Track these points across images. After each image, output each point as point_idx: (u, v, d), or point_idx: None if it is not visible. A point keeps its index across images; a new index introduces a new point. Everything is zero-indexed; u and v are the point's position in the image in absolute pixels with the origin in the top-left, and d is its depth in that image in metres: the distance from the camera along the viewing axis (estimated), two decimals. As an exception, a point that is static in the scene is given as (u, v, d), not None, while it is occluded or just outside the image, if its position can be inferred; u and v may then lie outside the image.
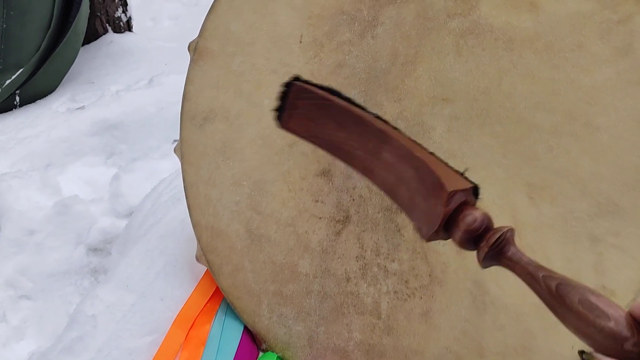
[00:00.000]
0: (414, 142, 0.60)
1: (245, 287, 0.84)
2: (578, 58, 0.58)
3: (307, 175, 0.77)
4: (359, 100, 0.72)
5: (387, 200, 0.72)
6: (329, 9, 0.73)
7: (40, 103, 1.86)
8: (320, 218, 0.77)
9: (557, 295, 0.44)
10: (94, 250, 1.23)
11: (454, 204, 0.52)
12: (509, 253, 0.50)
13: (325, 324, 0.79)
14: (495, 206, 0.64)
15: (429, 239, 0.55)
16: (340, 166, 0.75)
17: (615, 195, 0.58)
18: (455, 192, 0.52)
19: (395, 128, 0.61)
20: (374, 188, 0.72)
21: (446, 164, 0.58)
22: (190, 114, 0.85)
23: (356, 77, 0.72)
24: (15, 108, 1.85)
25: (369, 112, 0.62)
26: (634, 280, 0.59)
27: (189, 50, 0.84)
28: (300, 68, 0.75)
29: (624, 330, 0.41)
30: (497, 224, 0.64)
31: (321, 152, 0.76)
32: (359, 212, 0.74)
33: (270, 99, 0.79)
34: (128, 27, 2.28)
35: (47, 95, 1.92)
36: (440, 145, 0.66)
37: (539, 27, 0.60)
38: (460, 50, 0.64)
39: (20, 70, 1.80)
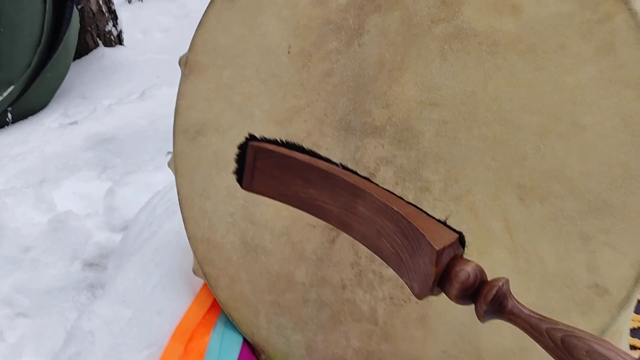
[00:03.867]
0: (390, 192, 0.58)
1: (242, 298, 0.84)
2: (561, 58, 0.59)
3: (299, 184, 0.77)
4: (347, 107, 0.73)
5: (380, 206, 0.72)
6: (316, 19, 0.73)
7: (33, 119, 1.86)
8: (314, 226, 0.77)
9: (563, 349, 0.45)
10: (90, 265, 1.23)
11: (444, 261, 0.51)
12: (509, 307, 0.49)
13: (323, 332, 0.79)
14: (486, 208, 0.64)
15: (422, 297, 0.53)
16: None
17: (604, 193, 0.58)
18: (443, 249, 0.51)
19: (366, 179, 0.59)
20: (367, 194, 0.72)
21: (426, 214, 0.56)
22: (183, 127, 0.85)
23: (344, 85, 0.72)
24: (7, 125, 1.85)
25: (334, 163, 0.60)
26: (626, 277, 0.59)
27: (179, 64, 0.85)
28: (290, 78, 0.76)
29: None
30: (489, 226, 0.65)
31: (313, 160, 0.76)
32: (352, 219, 0.74)
33: (260, 109, 0.79)
34: (119, 40, 2.28)
35: (39, 111, 1.93)
36: (430, 149, 0.67)
37: (522, 29, 0.61)
38: (445, 55, 0.65)
39: (12, 87, 1.80)
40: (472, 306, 0.67)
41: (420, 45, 0.67)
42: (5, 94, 1.79)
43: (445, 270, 0.51)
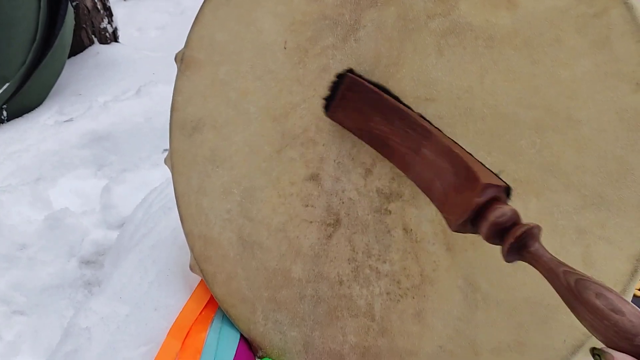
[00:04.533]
0: (454, 142, 0.63)
1: (239, 294, 0.84)
2: (557, 52, 0.59)
3: (296, 180, 0.77)
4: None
5: (377, 202, 0.72)
6: (311, 14, 0.73)
7: (28, 117, 1.85)
8: (311, 222, 0.77)
9: (575, 290, 0.46)
10: (86, 262, 1.23)
11: (486, 196, 0.54)
12: (532, 248, 0.51)
13: (320, 328, 0.79)
14: (483, 203, 0.64)
15: (457, 229, 0.57)
16: (328, 170, 0.75)
17: (600, 187, 0.59)
18: (488, 185, 0.55)
19: (436, 128, 0.64)
20: (363, 190, 0.72)
21: (482, 164, 0.61)
22: (179, 124, 0.85)
23: (340, 81, 0.72)
24: (2, 123, 1.84)
25: (413, 110, 0.65)
26: (622, 271, 0.59)
27: (175, 61, 0.85)
28: (286, 74, 0.76)
29: (638, 326, 0.42)
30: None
31: (309, 157, 0.76)
32: (349, 215, 0.74)
33: (256, 105, 0.79)
34: (114, 37, 2.28)
35: (34, 108, 1.92)
36: (426, 144, 0.67)
37: (518, 23, 0.61)
38: (441, 50, 0.65)
39: (7, 84, 1.79)
40: (466, 298, 0.67)
41: (417, 40, 0.67)
42: (0, 92, 1.79)
43: (484, 207, 0.54)
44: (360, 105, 0.67)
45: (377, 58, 0.69)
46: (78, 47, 2.16)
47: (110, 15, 2.25)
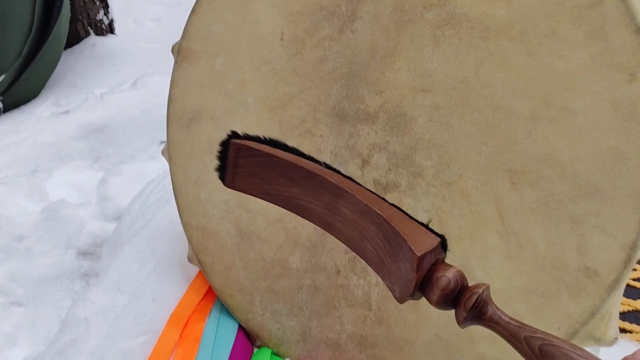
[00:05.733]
0: (373, 193, 0.58)
1: (237, 285, 0.85)
2: (552, 43, 0.59)
3: (293, 171, 0.77)
4: (341, 93, 0.73)
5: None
6: (308, 5, 0.73)
7: (24, 109, 1.85)
8: (308, 212, 0.78)
9: (540, 357, 0.45)
10: (84, 254, 1.23)
11: (425, 267, 0.51)
12: (488, 313, 0.50)
13: (318, 317, 0.79)
14: (478, 193, 0.65)
15: (402, 302, 0.54)
16: (326, 161, 0.75)
17: (594, 176, 0.59)
18: (424, 255, 0.51)
19: (350, 178, 0.59)
20: (360, 181, 0.73)
21: (409, 216, 0.56)
22: (177, 115, 0.85)
23: (337, 72, 0.72)
24: (-1, 115, 1.84)
25: (318, 162, 0.60)
26: (616, 259, 0.60)
27: (172, 52, 0.85)
28: (283, 65, 0.76)
29: None
30: (481, 211, 0.65)
31: (307, 148, 0.77)
32: (346, 205, 0.75)
33: (254, 97, 0.79)
34: (110, 29, 2.27)
35: (30, 100, 1.91)
36: (422, 135, 0.67)
37: (513, 14, 0.61)
38: (437, 41, 0.65)
39: (3, 76, 1.79)
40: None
41: (413, 32, 0.67)
42: (-5, 84, 1.78)
43: (426, 275, 0.51)
44: (258, 170, 0.61)
45: (374, 49, 0.70)
46: (74, 38, 2.16)
47: (106, 6, 2.24)
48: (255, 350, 0.86)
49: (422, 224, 0.55)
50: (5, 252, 1.20)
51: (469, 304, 0.49)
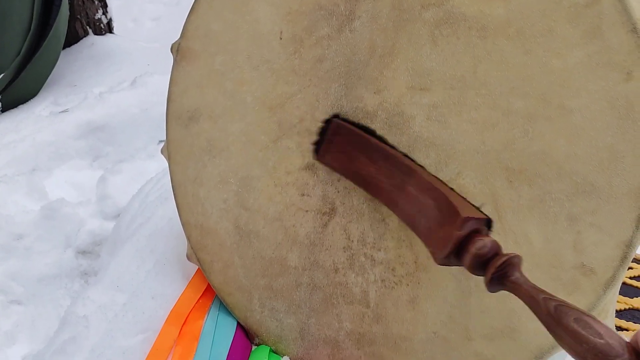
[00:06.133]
0: (437, 178, 0.66)
1: (236, 283, 0.85)
2: (549, 42, 0.60)
3: (292, 170, 0.78)
4: (339, 92, 0.73)
5: (372, 191, 0.73)
6: (307, 4, 0.73)
7: (23, 108, 1.85)
8: (306, 211, 0.78)
9: (555, 315, 0.48)
10: (83, 252, 1.24)
11: (466, 229, 0.57)
12: (513, 277, 0.53)
13: (316, 315, 0.80)
14: (476, 191, 0.65)
15: (442, 263, 0.59)
16: (324, 159, 0.76)
17: (591, 174, 0.60)
18: (468, 219, 0.58)
19: (421, 166, 0.67)
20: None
21: (464, 199, 0.64)
22: (176, 114, 0.85)
23: (336, 71, 0.73)
24: (-3, 113, 1.84)
25: (398, 150, 0.69)
26: (612, 257, 0.60)
27: (171, 51, 0.85)
28: (282, 64, 0.76)
29: (616, 347, 0.44)
30: (478, 208, 0.66)
31: (305, 146, 0.77)
32: (344, 204, 0.75)
33: (253, 96, 0.80)
34: (109, 28, 2.27)
35: (29, 99, 1.91)
36: (420, 134, 0.68)
37: (511, 13, 0.61)
38: (435, 40, 0.66)
39: (1, 75, 1.79)
40: (459, 285, 0.68)
41: (411, 31, 0.67)
42: (-6, 83, 1.78)
43: (466, 239, 0.57)
44: (347, 148, 0.71)
45: (372, 48, 0.70)
46: (73, 38, 2.15)
47: (104, 6, 2.24)
48: (254, 347, 0.87)
49: (474, 205, 0.63)
50: (5, 250, 1.20)
51: (496, 263, 0.53)
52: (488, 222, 0.62)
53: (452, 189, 0.65)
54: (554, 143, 0.61)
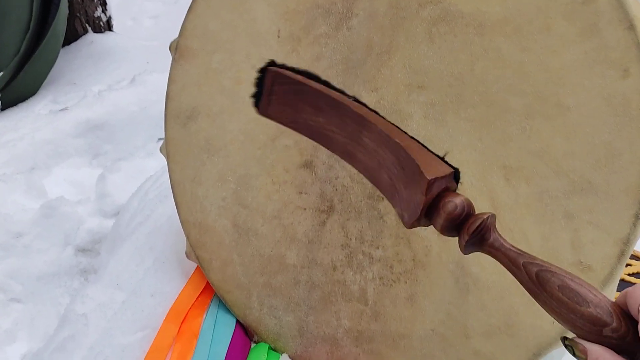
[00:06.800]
0: (395, 126, 0.61)
1: (234, 280, 0.85)
2: (546, 40, 0.60)
3: (290, 168, 0.78)
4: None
5: (370, 188, 0.73)
6: (304, 3, 0.73)
7: (22, 106, 1.85)
8: (305, 209, 0.78)
9: (537, 282, 0.45)
10: (82, 251, 1.24)
11: (434, 191, 0.53)
12: (490, 239, 0.50)
13: (315, 313, 0.80)
14: (473, 189, 0.65)
15: (411, 226, 0.55)
16: (322, 157, 0.76)
17: (588, 172, 0.60)
18: (435, 180, 0.53)
19: (374, 111, 0.62)
20: (357, 177, 0.73)
21: (426, 149, 0.59)
22: (174, 113, 0.85)
23: (334, 69, 0.73)
24: (-3, 112, 1.84)
25: (347, 95, 0.63)
26: (609, 255, 0.60)
27: (170, 50, 0.85)
28: (280, 62, 0.76)
29: (604, 316, 0.42)
30: (475, 206, 0.66)
31: (303, 145, 0.77)
32: (342, 202, 0.75)
33: (251, 94, 0.80)
34: (108, 26, 2.27)
35: (28, 98, 1.92)
36: (418, 132, 0.68)
37: (508, 11, 0.61)
38: (432, 38, 0.66)
39: (1, 73, 1.79)
40: (457, 282, 0.68)
41: (408, 28, 0.67)
42: (-7, 81, 1.78)
43: (434, 200, 0.53)
44: (290, 98, 0.65)
45: (369, 46, 0.70)
46: (72, 36, 2.16)
47: (104, 4, 2.24)
48: (253, 345, 0.87)
49: (438, 156, 0.58)
50: (4, 249, 1.20)
51: (471, 228, 0.50)
52: (455, 175, 0.57)
53: (412, 137, 0.60)
54: (551, 141, 0.61)
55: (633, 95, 0.57)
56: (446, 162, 0.58)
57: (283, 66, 0.66)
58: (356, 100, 0.62)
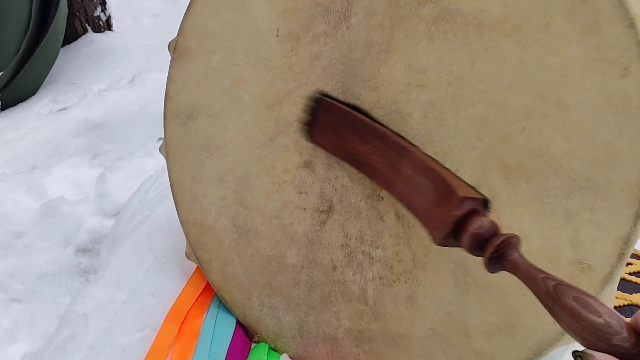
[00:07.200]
0: (431, 158, 0.65)
1: (234, 280, 0.85)
2: (546, 38, 0.59)
3: (290, 168, 0.78)
4: (336, 90, 0.73)
5: (369, 188, 0.73)
6: (303, 1, 0.73)
7: (23, 106, 1.85)
8: (304, 209, 0.78)
9: (553, 294, 0.48)
10: (82, 250, 1.24)
11: (464, 209, 0.57)
12: (512, 257, 0.53)
13: (315, 313, 0.80)
14: (473, 188, 0.65)
15: (440, 244, 0.59)
16: (321, 157, 0.76)
17: (588, 171, 0.59)
18: (465, 198, 0.57)
19: (413, 145, 0.66)
20: (356, 176, 0.73)
21: (459, 179, 0.63)
22: (173, 112, 0.85)
23: (333, 68, 0.73)
24: (-3, 112, 1.84)
25: (389, 128, 0.67)
26: (609, 253, 0.60)
27: (169, 49, 0.85)
28: (279, 62, 0.76)
29: (615, 325, 0.44)
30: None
31: (303, 144, 0.77)
32: (342, 202, 0.75)
33: (250, 93, 0.80)
34: (108, 26, 2.27)
35: (28, 97, 1.92)
36: (418, 131, 0.67)
37: (507, 9, 0.61)
38: (432, 37, 0.65)
39: (0, 73, 1.79)
40: (457, 282, 0.68)
41: (408, 27, 0.67)
42: (-6, 81, 1.78)
43: (464, 219, 0.56)
44: (338, 127, 0.69)
45: (369, 45, 0.70)
46: (72, 35, 2.15)
47: (103, 3, 2.24)
48: (253, 345, 0.87)
49: (470, 185, 0.62)
50: (4, 248, 1.20)
51: (495, 242, 0.53)
52: (485, 202, 0.61)
53: (447, 168, 0.64)
54: (551, 139, 0.60)
55: (633, 94, 0.56)
56: (477, 191, 0.62)
57: (333, 98, 0.71)
58: (397, 134, 0.66)
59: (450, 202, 0.57)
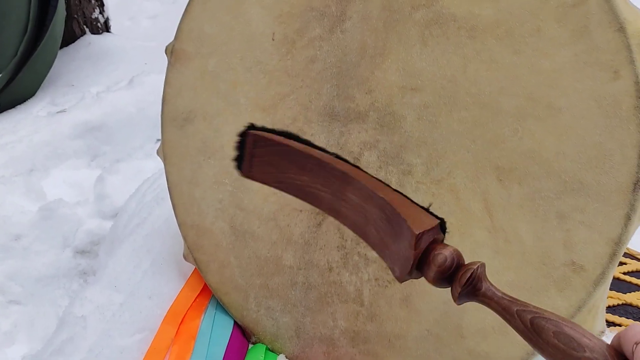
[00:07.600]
0: (378, 180, 0.62)
1: (232, 282, 0.86)
2: (537, 42, 0.60)
3: (285, 169, 0.78)
4: (331, 93, 0.74)
5: (365, 190, 0.73)
6: (299, 6, 0.74)
7: (21, 108, 1.85)
8: (300, 211, 0.79)
9: (532, 330, 0.46)
10: (81, 252, 1.24)
11: (422, 245, 0.53)
12: (482, 289, 0.51)
13: (311, 314, 0.81)
14: (467, 190, 0.66)
15: (402, 280, 0.56)
16: (317, 158, 0.76)
17: (580, 172, 0.60)
18: (422, 234, 0.53)
19: (356, 167, 0.63)
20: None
21: (410, 201, 0.59)
22: (171, 115, 0.86)
23: (328, 72, 0.73)
24: (-5, 114, 1.84)
25: (328, 152, 0.64)
26: (601, 254, 0.61)
27: (166, 53, 0.85)
28: (274, 65, 0.77)
29: (600, 358, 0.43)
30: (469, 208, 0.66)
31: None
32: (338, 203, 0.76)
33: (246, 97, 0.80)
34: (106, 28, 2.27)
35: (27, 99, 1.92)
36: (412, 133, 0.68)
37: (500, 14, 0.62)
38: (425, 41, 0.66)
39: (-1, 76, 1.79)
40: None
41: (401, 31, 0.68)
42: (-8, 83, 1.79)
43: (424, 253, 0.53)
44: (272, 159, 0.66)
45: (363, 49, 0.70)
46: (70, 37, 2.16)
47: (101, 5, 2.24)
48: (251, 346, 0.88)
49: (422, 207, 0.58)
50: (3, 250, 1.21)
51: (463, 280, 0.51)
52: (442, 225, 0.57)
53: (396, 190, 0.61)
54: (543, 142, 0.61)
55: (623, 97, 0.57)
56: (431, 213, 0.58)
57: (263, 128, 0.67)
58: (337, 156, 0.63)
59: (407, 239, 0.53)
